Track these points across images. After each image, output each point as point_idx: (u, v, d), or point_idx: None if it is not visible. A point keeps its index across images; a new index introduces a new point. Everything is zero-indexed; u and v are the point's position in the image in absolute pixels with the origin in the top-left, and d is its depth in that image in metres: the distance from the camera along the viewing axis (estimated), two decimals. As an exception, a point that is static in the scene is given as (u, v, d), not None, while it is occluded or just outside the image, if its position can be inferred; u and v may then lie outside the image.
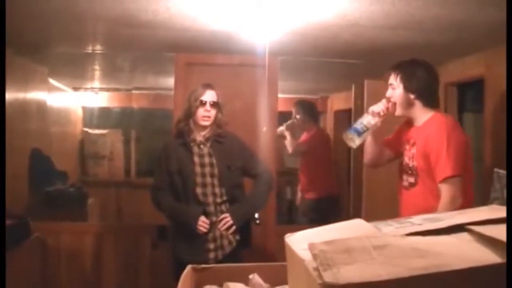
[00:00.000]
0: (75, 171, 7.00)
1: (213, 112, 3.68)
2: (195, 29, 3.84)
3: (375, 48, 4.33)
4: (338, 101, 7.43)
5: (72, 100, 7.25)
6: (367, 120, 3.20)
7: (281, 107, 5.49)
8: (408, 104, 3.19)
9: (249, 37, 4.01)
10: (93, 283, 4.96)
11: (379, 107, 3.21)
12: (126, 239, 5.02)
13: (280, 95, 5.09)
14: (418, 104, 3.18)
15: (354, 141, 3.18)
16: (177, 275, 2.10)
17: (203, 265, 2.23)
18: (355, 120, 3.32)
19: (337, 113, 7.39)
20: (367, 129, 3.18)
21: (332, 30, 3.78)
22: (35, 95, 5.57)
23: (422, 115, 3.19)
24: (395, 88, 3.21)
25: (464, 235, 1.24)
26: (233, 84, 4.67)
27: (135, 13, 3.40)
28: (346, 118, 6.57)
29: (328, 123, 7.58)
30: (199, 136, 3.72)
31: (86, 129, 7.47)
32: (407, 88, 3.16)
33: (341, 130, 7.04)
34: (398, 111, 3.22)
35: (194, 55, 4.77)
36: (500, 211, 1.37)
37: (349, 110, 5.76)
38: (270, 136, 4.77)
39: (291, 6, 3.22)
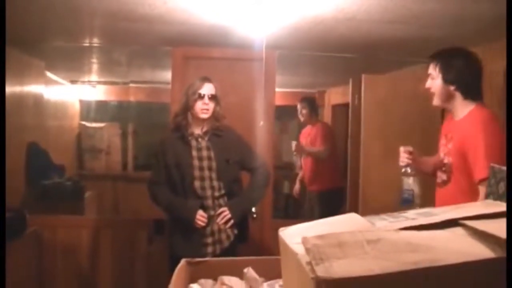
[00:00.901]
0: (72, 164, 7.00)
1: (211, 105, 3.67)
2: (192, 23, 3.84)
3: (372, 42, 4.33)
4: (336, 95, 7.43)
5: (69, 93, 7.24)
6: (408, 184, 3.10)
7: (278, 101, 5.49)
8: (448, 96, 3.04)
9: (247, 31, 4.01)
10: (89, 277, 4.96)
11: (403, 160, 3.14)
12: (123, 233, 5.02)
13: (277, 89, 5.08)
14: (458, 96, 3.02)
15: (414, 207, 2.94)
16: (174, 270, 2.10)
17: (198, 259, 2.24)
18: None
19: (335, 107, 7.40)
20: (413, 193, 3.08)
21: (329, 24, 3.77)
22: (32, 88, 5.56)
23: (462, 108, 3.03)
24: (434, 78, 3.05)
25: (458, 230, 1.24)
26: (230, 78, 4.66)
27: (132, 7, 3.39)
28: (343, 112, 6.59)
29: (325, 117, 7.59)
30: (197, 130, 3.71)
31: (83, 123, 7.46)
32: (446, 79, 3.00)
33: (339, 124, 7.11)
34: (436, 101, 3.09)
35: (191, 49, 4.76)
36: (494, 206, 1.37)
37: (347, 104, 5.76)
38: (267, 130, 4.77)
39: (289, 0, 3.22)
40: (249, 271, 2.10)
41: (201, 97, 3.64)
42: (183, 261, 2.16)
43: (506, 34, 2.48)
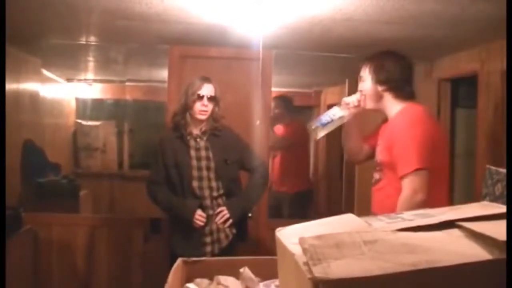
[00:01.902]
0: (67, 162, 6.98)
1: (210, 106, 3.68)
2: (189, 22, 3.83)
3: (370, 42, 4.33)
4: (332, 95, 7.43)
5: (65, 91, 7.22)
6: (334, 112, 3.13)
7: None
8: (378, 97, 3.08)
9: (244, 30, 4.00)
10: (85, 275, 4.96)
11: (351, 98, 3.15)
12: (118, 231, 5.02)
13: (274, 89, 5.08)
14: (387, 96, 3.06)
15: (317, 133, 3.12)
16: (172, 269, 2.10)
17: (194, 258, 2.23)
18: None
19: (331, 107, 7.40)
20: (332, 121, 3.10)
21: (326, 24, 3.77)
22: (28, 86, 5.56)
23: (392, 107, 3.07)
24: (365, 80, 3.11)
25: (455, 231, 1.24)
26: (227, 77, 4.66)
27: (129, 5, 3.38)
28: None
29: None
30: (196, 130, 3.71)
31: (79, 121, 7.45)
32: (375, 80, 3.05)
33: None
34: (369, 104, 3.12)
35: (188, 47, 4.76)
36: (491, 208, 1.37)
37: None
38: (263, 130, 4.76)
39: (287, 0, 3.22)
40: (246, 271, 2.10)
41: (200, 98, 3.64)
42: (179, 261, 2.16)
43: (506, 34, 2.49)
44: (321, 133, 3.13)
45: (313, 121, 3.16)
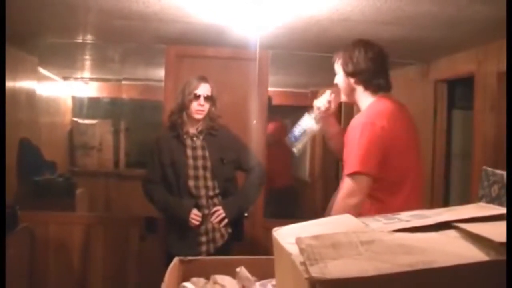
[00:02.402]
0: (64, 161, 6.98)
1: (206, 106, 3.68)
2: (187, 21, 3.83)
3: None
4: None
5: (61, 90, 7.22)
6: (306, 121, 3.06)
7: (272, 101, 5.50)
8: (350, 90, 2.95)
9: (241, 30, 4.00)
10: (80, 274, 4.96)
11: (321, 102, 3.06)
12: (114, 230, 5.01)
13: (270, 89, 5.08)
14: (359, 90, 2.92)
15: (295, 146, 3.05)
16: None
17: (190, 257, 2.24)
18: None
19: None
20: (304, 131, 3.04)
21: (323, 25, 3.78)
22: (25, 84, 5.54)
23: (363, 101, 2.94)
24: (337, 73, 3.00)
25: (452, 232, 1.24)
26: (224, 77, 4.66)
27: (127, 4, 3.38)
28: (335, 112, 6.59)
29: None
30: (192, 129, 3.72)
31: (75, 119, 7.45)
32: (346, 72, 2.92)
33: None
34: (343, 97, 3.03)
35: (185, 47, 4.76)
36: (488, 209, 1.38)
37: (339, 104, 5.76)
38: (260, 129, 4.77)
39: (284, 0, 3.22)
40: (242, 270, 2.10)
41: (196, 97, 3.65)
42: (176, 260, 2.17)
43: (506, 34, 2.49)
44: (298, 146, 3.07)
45: (289, 135, 3.10)
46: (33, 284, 4.79)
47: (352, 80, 2.92)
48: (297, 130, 3.04)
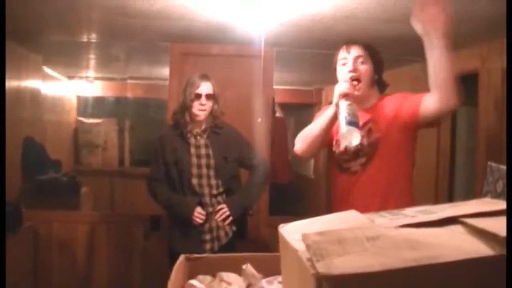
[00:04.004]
0: (68, 160, 6.99)
1: (208, 104, 3.68)
2: (191, 19, 3.84)
3: (371, 40, 4.30)
4: (333, 93, 7.42)
5: (66, 88, 7.22)
6: (346, 106, 2.64)
7: (276, 99, 5.50)
8: (371, 84, 2.93)
9: (245, 27, 4.01)
10: (85, 272, 4.97)
11: (346, 87, 2.74)
12: (119, 228, 5.03)
13: (275, 86, 5.09)
14: (375, 87, 2.96)
15: (358, 137, 2.55)
16: (172, 266, 2.10)
17: (197, 255, 2.24)
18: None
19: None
20: (354, 114, 2.61)
21: (327, 22, 3.78)
22: (29, 83, 5.56)
23: (372, 98, 2.96)
24: (365, 63, 2.90)
25: (457, 228, 1.25)
26: (228, 75, 4.67)
27: (131, 2, 3.39)
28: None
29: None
30: (196, 128, 3.72)
31: (80, 118, 7.45)
32: (375, 66, 2.92)
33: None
34: (362, 90, 2.87)
35: (190, 45, 4.76)
36: (493, 204, 1.38)
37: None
38: (264, 127, 4.77)
39: (288, -3, 3.23)
40: (248, 268, 2.10)
41: (198, 96, 3.65)
42: (182, 257, 2.17)
43: (506, 34, 2.49)
44: (357, 134, 2.57)
45: (346, 126, 2.55)
46: (37, 283, 4.81)
47: (376, 76, 2.94)
48: (348, 117, 2.57)
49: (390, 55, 5.09)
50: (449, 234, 1.22)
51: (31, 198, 5.18)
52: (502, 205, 1.35)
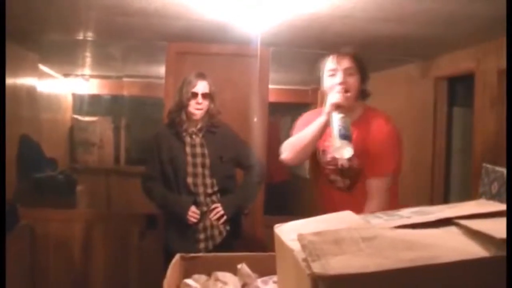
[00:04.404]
0: (64, 158, 6.97)
1: (205, 103, 3.68)
2: (188, 18, 3.83)
3: (367, 40, 4.33)
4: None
5: (62, 86, 7.21)
6: (340, 119, 2.68)
7: (272, 98, 5.49)
8: (357, 95, 2.92)
9: (242, 27, 4.00)
10: (81, 271, 4.97)
11: (339, 97, 2.76)
12: (115, 227, 5.03)
13: (271, 86, 5.08)
14: (358, 97, 2.95)
15: (350, 151, 2.62)
16: (167, 264, 2.10)
17: (192, 254, 2.24)
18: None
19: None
20: (347, 126, 2.67)
21: (324, 22, 3.78)
22: (25, 81, 5.55)
23: (357, 108, 2.94)
24: (353, 74, 2.89)
25: (453, 229, 1.25)
26: (225, 74, 4.67)
27: (128, 1, 3.38)
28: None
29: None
30: (192, 127, 3.71)
31: (76, 116, 7.43)
32: (362, 76, 2.93)
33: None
34: (349, 101, 2.83)
35: (186, 44, 4.76)
36: (488, 206, 1.38)
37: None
38: (260, 127, 4.77)
39: (285, -3, 3.23)
40: (243, 267, 2.11)
41: (194, 95, 3.64)
42: (177, 256, 2.17)
43: (506, 34, 2.50)
44: (349, 147, 2.63)
45: (337, 139, 2.64)
46: (33, 281, 4.80)
47: (362, 87, 2.96)
48: (341, 131, 2.64)
49: (387, 55, 5.12)
50: (444, 235, 1.23)
51: (27, 196, 5.18)
52: (497, 206, 1.36)
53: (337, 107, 2.72)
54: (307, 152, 3.03)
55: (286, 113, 7.82)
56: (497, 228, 1.17)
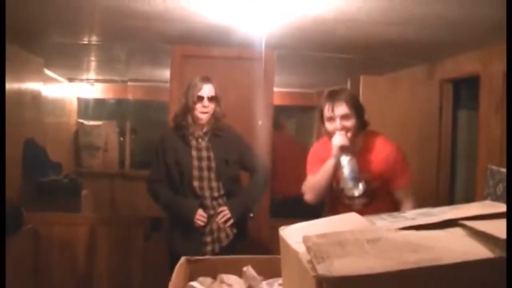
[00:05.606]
0: (69, 162, 7.00)
1: (211, 107, 3.67)
2: (192, 21, 3.84)
3: (372, 43, 4.34)
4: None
5: (67, 91, 7.24)
6: (347, 162, 2.97)
7: (277, 101, 5.49)
8: (357, 131, 3.12)
9: (246, 30, 4.01)
10: (85, 274, 4.97)
11: (342, 140, 3.01)
12: (119, 230, 5.02)
13: (276, 89, 5.08)
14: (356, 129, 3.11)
15: (360, 189, 3.02)
16: (173, 268, 2.10)
17: (197, 257, 2.24)
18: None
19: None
20: (355, 169, 2.97)
21: (329, 25, 3.78)
22: (30, 85, 5.56)
23: (358, 137, 3.14)
24: (350, 118, 3.06)
25: (457, 230, 1.25)
26: (229, 77, 4.66)
27: (132, 4, 3.39)
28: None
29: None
30: (197, 130, 3.70)
31: (81, 120, 7.47)
32: (358, 116, 3.10)
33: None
34: (352, 139, 3.07)
35: (191, 47, 4.76)
36: (493, 207, 1.38)
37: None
38: (265, 130, 4.77)
39: (290, 0, 3.22)
40: (249, 270, 2.10)
41: (200, 99, 3.64)
42: (183, 259, 2.17)
43: (506, 35, 2.49)
44: (360, 187, 3.03)
45: (348, 182, 2.99)
46: (38, 285, 4.80)
47: (359, 123, 3.12)
48: (350, 174, 2.97)
49: (391, 58, 5.12)
50: (449, 236, 1.23)
51: (32, 200, 5.18)
52: (502, 208, 1.36)
53: (342, 148, 2.99)
54: (325, 190, 3.26)
55: (291, 116, 7.82)
56: (501, 229, 1.17)
